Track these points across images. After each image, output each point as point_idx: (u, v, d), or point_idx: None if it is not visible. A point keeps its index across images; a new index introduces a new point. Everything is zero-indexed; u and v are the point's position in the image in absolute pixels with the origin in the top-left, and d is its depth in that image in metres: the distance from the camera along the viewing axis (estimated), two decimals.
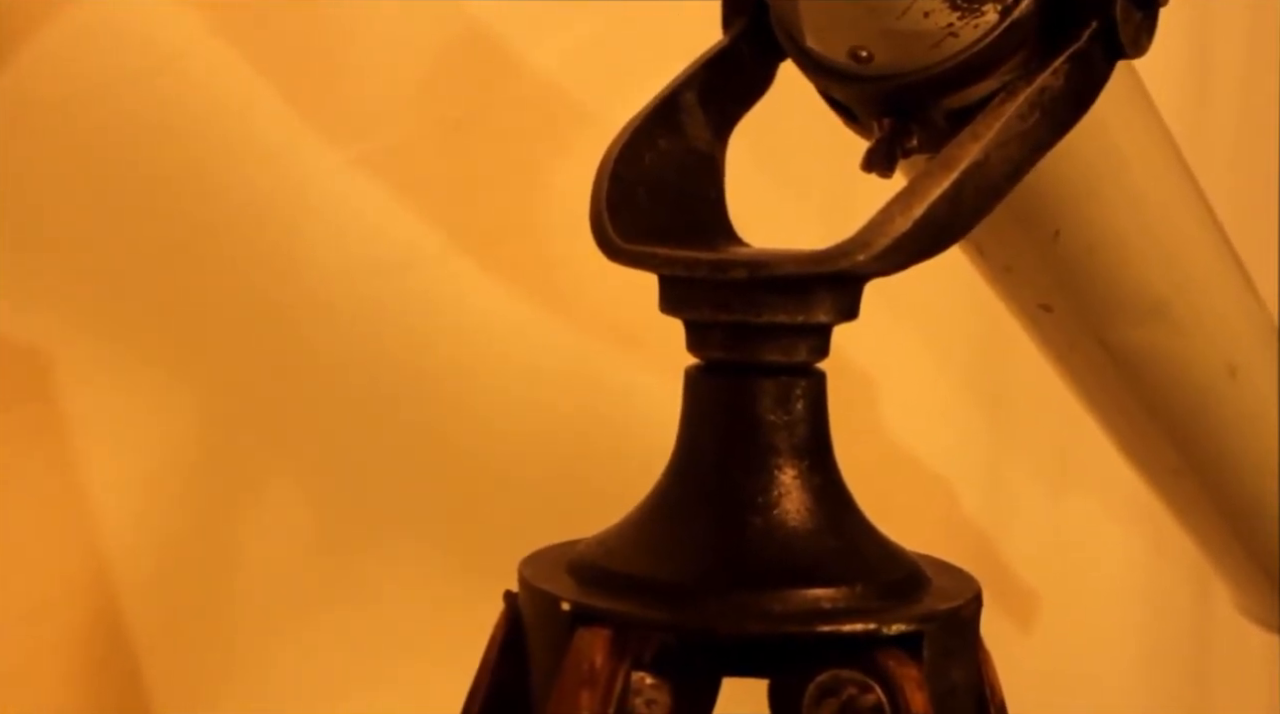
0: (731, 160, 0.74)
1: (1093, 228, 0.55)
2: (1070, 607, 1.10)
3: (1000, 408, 1.01)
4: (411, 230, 0.72)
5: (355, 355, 0.72)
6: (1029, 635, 1.09)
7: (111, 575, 0.67)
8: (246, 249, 0.69)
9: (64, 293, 0.66)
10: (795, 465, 0.44)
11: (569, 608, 0.42)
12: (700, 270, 0.43)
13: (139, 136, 0.66)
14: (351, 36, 0.71)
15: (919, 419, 0.97)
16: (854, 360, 0.93)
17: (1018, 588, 1.07)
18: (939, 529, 0.99)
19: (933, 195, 0.42)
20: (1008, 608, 1.07)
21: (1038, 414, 0.99)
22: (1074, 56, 0.45)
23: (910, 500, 0.97)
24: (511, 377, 0.76)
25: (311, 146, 0.69)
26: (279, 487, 0.72)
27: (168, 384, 0.68)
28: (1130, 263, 0.57)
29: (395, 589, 0.73)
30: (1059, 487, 1.07)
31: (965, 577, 0.46)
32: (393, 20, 0.71)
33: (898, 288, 0.89)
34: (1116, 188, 0.54)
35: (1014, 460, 1.04)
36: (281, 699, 0.71)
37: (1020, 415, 1.01)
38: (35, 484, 0.66)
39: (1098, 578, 1.12)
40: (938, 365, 0.97)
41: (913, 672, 0.41)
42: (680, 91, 0.49)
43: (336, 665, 0.72)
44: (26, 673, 0.66)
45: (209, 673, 0.71)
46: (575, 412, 0.77)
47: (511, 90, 0.74)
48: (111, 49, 0.65)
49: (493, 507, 0.74)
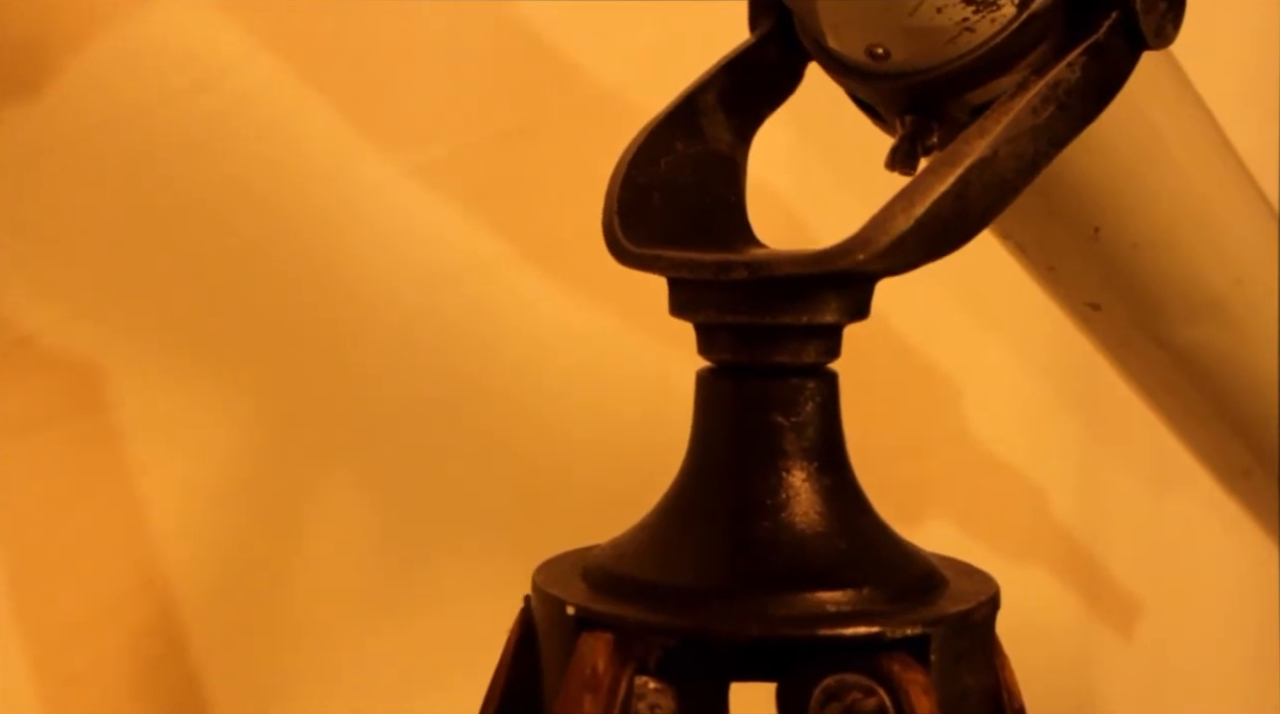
0: (794, 158, 0.74)
1: (1135, 224, 0.54)
2: (1174, 612, 1.08)
3: (1091, 407, 0.99)
4: (469, 239, 0.73)
5: (413, 363, 0.73)
6: (1130, 643, 1.06)
7: (169, 583, 0.68)
8: (300, 259, 0.70)
9: (117, 305, 0.68)
10: (804, 467, 0.43)
11: (573, 612, 0.42)
12: (704, 272, 0.43)
13: (190, 152, 0.67)
14: (406, 48, 0.71)
15: (1005, 422, 0.95)
16: (937, 364, 0.93)
17: (1117, 593, 1.05)
18: (1028, 534, 0.97)
19: (936, 192, 0.42)
20: (1107, 614, 1.05)
21: (1131, 412, 0.97)
22: (1091, 48, 0.44)
23: (998, 504, 0.96)
24: (573, 381, 0.76)
25: (366, 158, 0.70)
26: (337, 495, 0.73)
27: (221, 394, 0.69)
28: (1179, 260, 0.56)
29: (457, 595, 0.74)
30: (1158, 486, 1.05)
31: (985, 579, 0.45)
32: (447, 31, 0.72)
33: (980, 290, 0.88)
34: (1157, 182, 0.53)
35: (1109, 461, 1.03)
36: (342, 705, 0.72)
37: (1113, 414, 0.99)
38: (91, 494, 0.67)
39: (1203, 581, 1.10)
40: (1023, 367, 0.96)
41: (918, 675, 0.41)
42: (699, 94, 0.49)
43: (398, 672, 0.73)
44: (86, 679, 0.67)
45: (268, 679, 0.71)
46: (639, 416, 0.77)
47: (571, 98, 0.74)
48: (160, 65, 0.66)
49: (557, 511, 0.74)
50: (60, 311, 0.66)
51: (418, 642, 0.73)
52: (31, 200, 0.65)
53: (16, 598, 0.66)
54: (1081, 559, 1.01)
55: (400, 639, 0.73)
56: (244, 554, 0.70)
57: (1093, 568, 1.03)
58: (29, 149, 0.65)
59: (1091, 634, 1.04)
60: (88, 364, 0.66)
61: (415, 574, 0.72)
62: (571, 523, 0.75)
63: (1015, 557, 0.96)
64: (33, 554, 0.66)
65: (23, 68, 0.64)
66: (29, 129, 0.64)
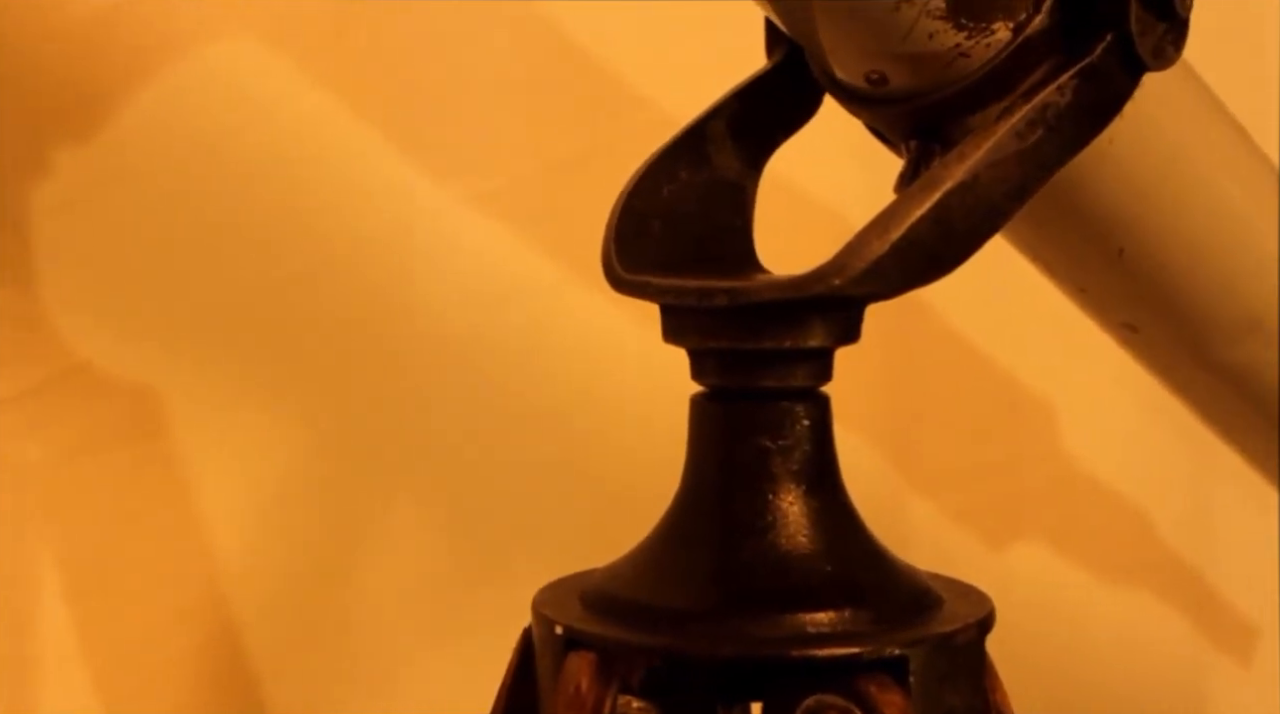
0: (864, 189, 0.74)
1: (1160, 244, 0.53)
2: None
3: (1197, 425, 0.97)
4: (524, 263, 0.74)
5: (469, 385, 0.74)
6: (1248, 669, 1.04)
7: (229, 600, 0.70)
8: (355, 284, 0.72)
9: (174, 331, 0.70)
10: (792, 490, 0.44)
11: (561, 632, 0.43)
12: (688, 298, 0.44)
13: (244, 183, 0.69)
14: (459, 77, 0.72)
15: (1102, 442, 0.94)
16: (1029, 386, 0.92)
17: (1232, 618, 1.03)
18: (1130, 556, 0.96)
19: (912, 217, 0.42)
20: (1222, 640, 1.02)
21: None
22: (1084, 71, 0.44)
23: (1095, 526, 0.94)
24: (630, 403, 0.77)
25: (420, 186, 0.72)
26: (394, 512, 0.74)
27: (278, 415, 0.71)
28: (1212, 279, 0.55)
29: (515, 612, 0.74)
30: (1273, 506, 1.02)
31: (981, 602, 0.45)
32: (500, 59, 0.73)
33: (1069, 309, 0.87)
34: (1180, 200, 0.52)
35: (1219, 480, 1.00)
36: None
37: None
38: (151, 515, 0.69)
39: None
40: (1119, 385, 0.94)
41: (895, 697, 0.41)
42: (708, 121, 0.50)
43: (454, 686, 0.74)
44: (149, 694, 0.69)
45: (328, 692, 0.73)
46: None
47: (625, 125, 0.75)
48: (212, 101, 0.68)
49: (617, 531, 0.75)
50: (118, 337, 0.69)
51: (475, 657, 0.74)
52: (89, 232, 0.68)
53: (79, 616, 0.68)
54: (1191, 582, 0.99)
55: (457, 654, 0.74)
56: (302, 571, 0.72)
57: (1204, 592, 1.01)
58: (86, 184, 0.68)
59: (1205, 660, 1.01)
60: (146, 388, 0.69)
61: (472, 591, 0.73)
62: (630, 542, 0.76)
63: (1116, 579, 0.95)
64: (94, 573, 0.69)
65: (77, 106, 0.67)
66: (86, 165, 0.67)
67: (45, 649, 0.69)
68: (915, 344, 0.89)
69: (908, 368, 0.89)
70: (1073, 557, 0.92)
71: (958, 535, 0.90)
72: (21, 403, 0.68)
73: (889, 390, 0.88)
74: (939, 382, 0.90)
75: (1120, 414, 0.95)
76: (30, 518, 0.69)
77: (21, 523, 0.69)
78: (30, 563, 0.69)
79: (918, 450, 0.89)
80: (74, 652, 0.68)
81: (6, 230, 0.68)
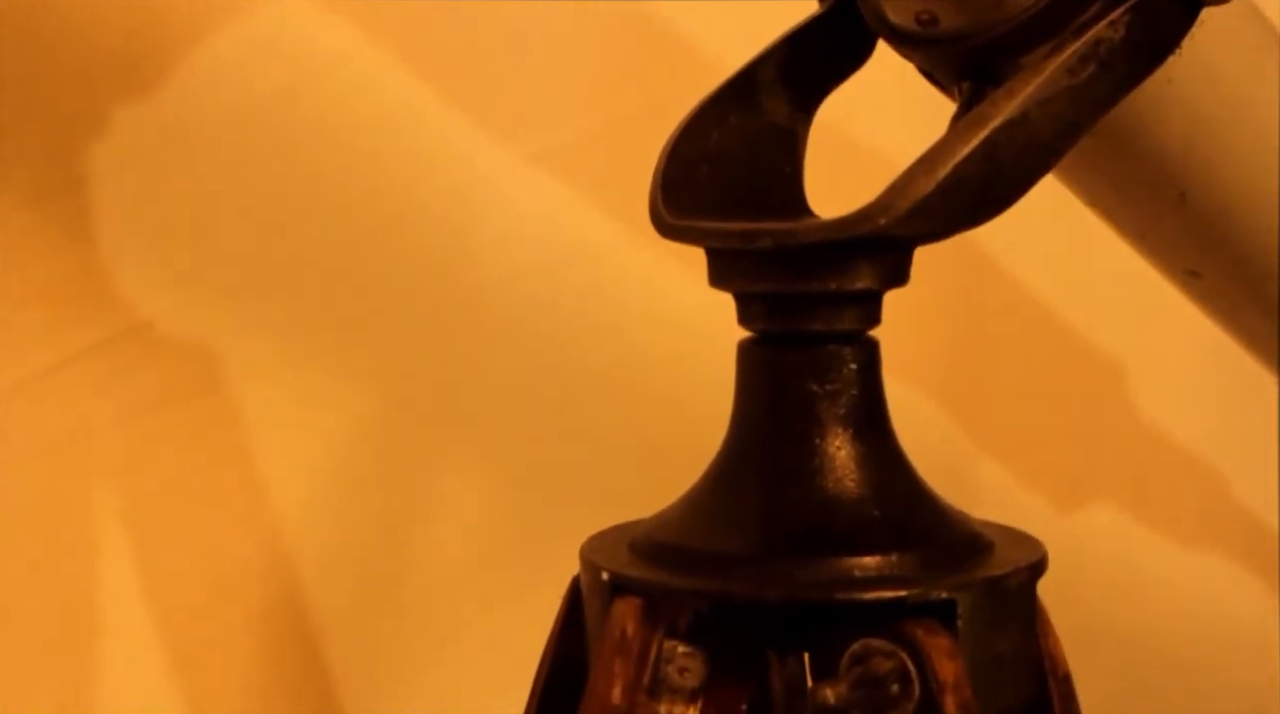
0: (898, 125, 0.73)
1: (1222, 187, 0.52)
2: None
3: (1273, 385, 0.96)
4: (588, 224, 0.74)
5: (531, 347, 0.74)
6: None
7: (290, 560, 0.71)
8: (417, 245, 0.72)
9: (235, 291, 0.70)
10: (840, 434, 0.43)
11: (607, 578, 0.43)
12: (732, 241, 0.43)
13: (305, 143, 0.69)
14: (521, 35, 0.72)
15: (1176, 404, 0.93)
16: (1101, 346, 0.91)
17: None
18: (1205, 518, 0.94)
19: (959, 155, 0.41)
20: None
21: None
22: (1138, 6, 0.44)
23: (1169, 488, 0.93)
24: (695, 364, 0.76)
25: (483, 146, 0.71)
26: (456, 475, 0.74)
27: (339, 377, 0.71)
28: (1277, 223, 0.54)
29: None
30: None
31: (1034, 547, 0.45)
32: (563, 16, 0.73)
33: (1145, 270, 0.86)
34: (1242, 141, 0.51)
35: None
36: (461, 683, 0.74)
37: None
38: (211, 476, 0.70)
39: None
40: (1193, 347, 0.93)
41: (943, 641, 0.40)
42: (758, 67, 0.50)
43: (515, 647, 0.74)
44: (212, 653, 0.70)
45: (389, 652, 0.73)
46: None
47: (689, 81, 0.74)
48: (273, 60, 0.68)
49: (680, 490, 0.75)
50: (178, 297, 0.69)
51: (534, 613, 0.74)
52: (150, 191, 0.68)
53: (142, 574, 0.69)
54: (1266, 544, 0.98)
55: (517, 611, 0.74)
56: (363, 533, 0.72)
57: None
58: (148, 143, 0.68)
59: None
60: (206, 348, 0.69)
61: (534, 553, 0.73)
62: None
63: (1190, 542, 0.94)
64: (157, 534, 0.69)
65: (139, 65, 0.67)
66: (148, 124, 0.67)
67: (108, 608, 0.69)
68: (984, 304, 0.88)
69: (976, 328, 0.88)
70: (1145, 520, 0.91)
71: (1027, 498, 0.89)
72: (83, 362, 0.68)
73: (957, 351, 0.87)
74: (1008, 342, 0.89)
75: (1193, 373, 0.93)
76: (93, 475, 0.69)
77: (85, 480, 0.69)
78: (93, 520, 0.69)
79: (986, 412, 0.88)
80: (137, 610, 0.69)
81: (67, 189, 0.68)
